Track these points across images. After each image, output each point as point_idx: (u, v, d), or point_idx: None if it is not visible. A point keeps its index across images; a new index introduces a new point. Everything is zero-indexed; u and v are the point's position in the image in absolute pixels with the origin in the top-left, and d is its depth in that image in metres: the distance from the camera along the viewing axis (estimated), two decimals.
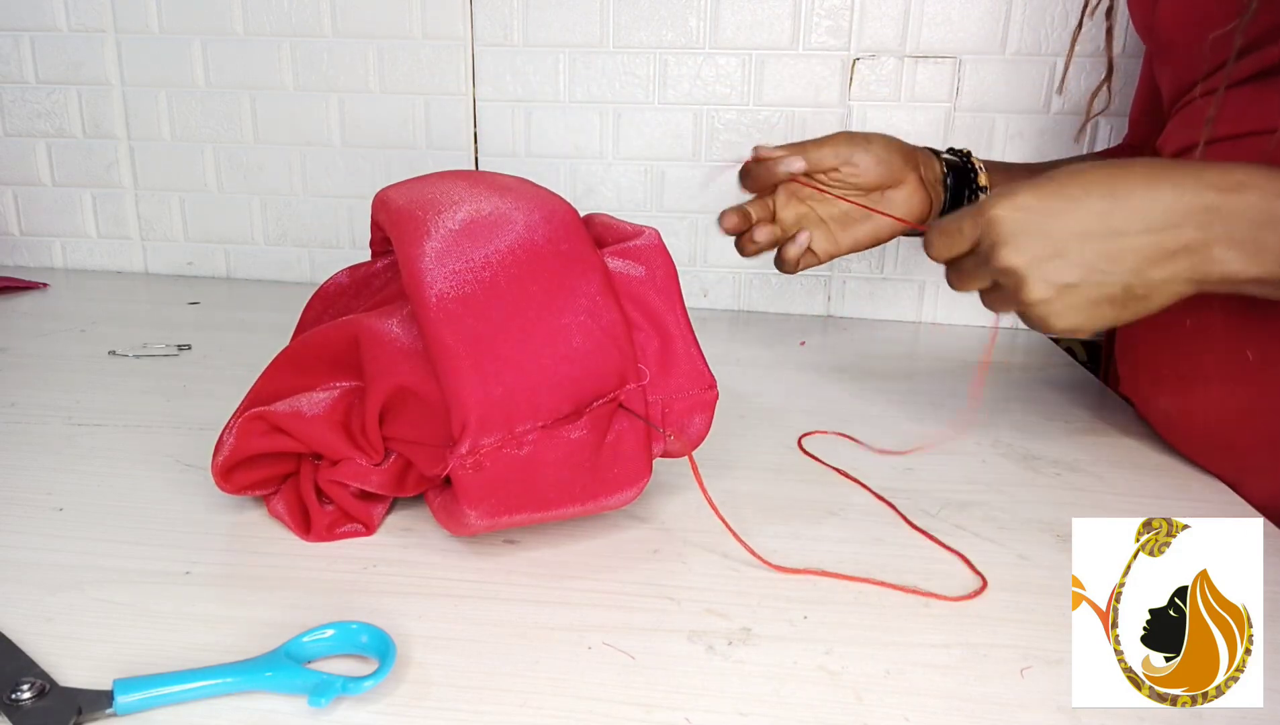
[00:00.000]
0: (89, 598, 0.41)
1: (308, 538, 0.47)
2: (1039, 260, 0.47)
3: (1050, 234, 0.47)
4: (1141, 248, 0.46)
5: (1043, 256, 0.47)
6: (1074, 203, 0.46)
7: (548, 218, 0.45)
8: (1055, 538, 0.50)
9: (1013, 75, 0.90)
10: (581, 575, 0.44)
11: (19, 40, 1.00)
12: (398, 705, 0.35)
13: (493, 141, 0.98)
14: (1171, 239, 0.46)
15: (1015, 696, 0.37)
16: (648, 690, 0.36)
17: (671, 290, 0.47)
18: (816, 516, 0.51)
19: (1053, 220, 0.47)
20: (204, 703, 0.34)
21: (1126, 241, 0.46)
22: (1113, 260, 0.47)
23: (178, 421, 0.62)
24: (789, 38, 0.91)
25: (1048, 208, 0.47)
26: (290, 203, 1.03)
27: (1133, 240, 0.46)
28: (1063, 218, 0.46)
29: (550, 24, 0.93)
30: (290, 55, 0.98)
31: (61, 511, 0.49)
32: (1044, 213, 0.47)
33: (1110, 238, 0.46)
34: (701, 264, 0.99)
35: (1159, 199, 0.46)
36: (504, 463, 0.41)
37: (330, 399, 0.48)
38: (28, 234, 1.07)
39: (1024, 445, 0.63)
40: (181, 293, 0.99)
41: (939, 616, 0.42)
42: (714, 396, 0.48)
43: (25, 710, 0.33)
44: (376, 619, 0.39)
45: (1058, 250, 0.47)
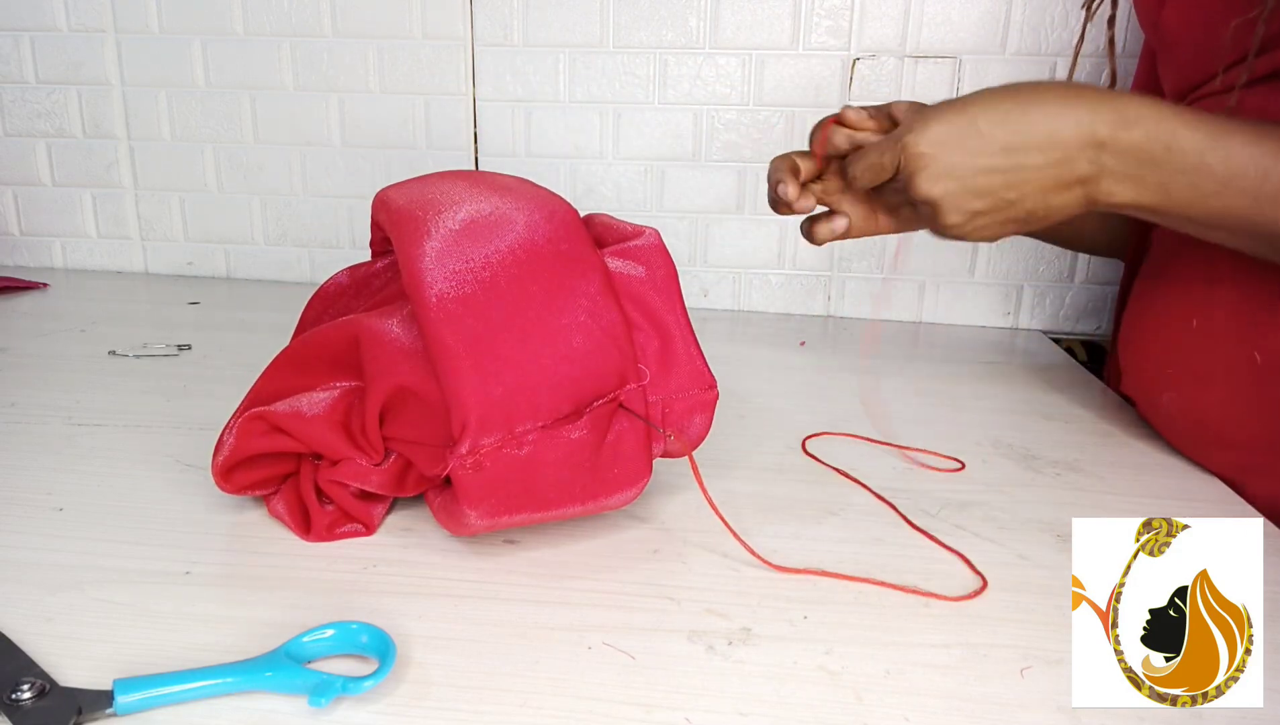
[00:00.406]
0: (89, 598, 0.41)
1: (308, 538, 0.47)
2: (951, 193, 0.51)
3: (959, 168, 0.50)
4: (1040, 179, 0.50)
5: (954, 190, 0.51)
6: (981, 137, 0.50)
7: (548, 218, 0.45)
8: (1055, 538, 0.50)
9: (1013, 75, 0.90)
10: (581, 575, 0.44)
11: (19, 40, 1.00)
12: (398, 705, 0.35)
13: (493, 141, 0.98)
14: (1067, 171, 0.50)
15: (1015, 696, 0.37)
16: (648, 690, 0.36)
17: (671, 290, 0.47)
18: (816, 516, 0.51)
19: (962, 155, 0.50)
20: (204, 703, 0.34)
21: (1027, 173, 0.50)
22: (1016, 190, 0.51)
23: (178, 421, 0.62)
24: (789, 38, 0.91)
25: (958, 142, 0.50)
26: (290, 203, 1.03)
27: (1033, 173, 0.50)
28: (971, 152, 0.50)
29: (550, 24, 0.93)
30: (290, 55, 0.98)
31: (61, 511, 0.49)
32: (954, 147, 0.50)
33: (1013, 171, 0.50)
34: (701, 264, 0.99)
35: (1058, 132, 0.49)
36: (504, 463, 0.41)
37: (330, 399, 0.48)
38: (28, 234, 1.07)
39: (1024, 445, 0.63)
40: (181, 293, 0.99)
41: (939, 616, 0.42)
42: (714, 396, 0.48)
43: (25, 710, 0.33)
44: (376, 619, 0.39)
45: (966, 184, 0.51)
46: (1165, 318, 0.60)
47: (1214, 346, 0.56)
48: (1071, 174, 0.50)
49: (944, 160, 0.50)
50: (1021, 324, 0.98)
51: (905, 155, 0.51)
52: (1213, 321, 0.56)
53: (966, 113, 0.50)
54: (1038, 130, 0.49)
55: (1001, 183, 0.50)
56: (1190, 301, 0.58)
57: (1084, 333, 0.97)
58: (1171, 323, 0.59)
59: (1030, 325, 0.97)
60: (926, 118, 0.51)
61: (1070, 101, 0.49)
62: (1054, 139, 0.49)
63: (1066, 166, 0.50)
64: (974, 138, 0.50)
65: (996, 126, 0.50)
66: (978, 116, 0.50)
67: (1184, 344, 0.59)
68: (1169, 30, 0.60)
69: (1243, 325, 0.55)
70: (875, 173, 0.53)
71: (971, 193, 0.51)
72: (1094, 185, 0.50)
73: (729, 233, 0.98)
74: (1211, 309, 0.56)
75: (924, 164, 0.51)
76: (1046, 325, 0.97)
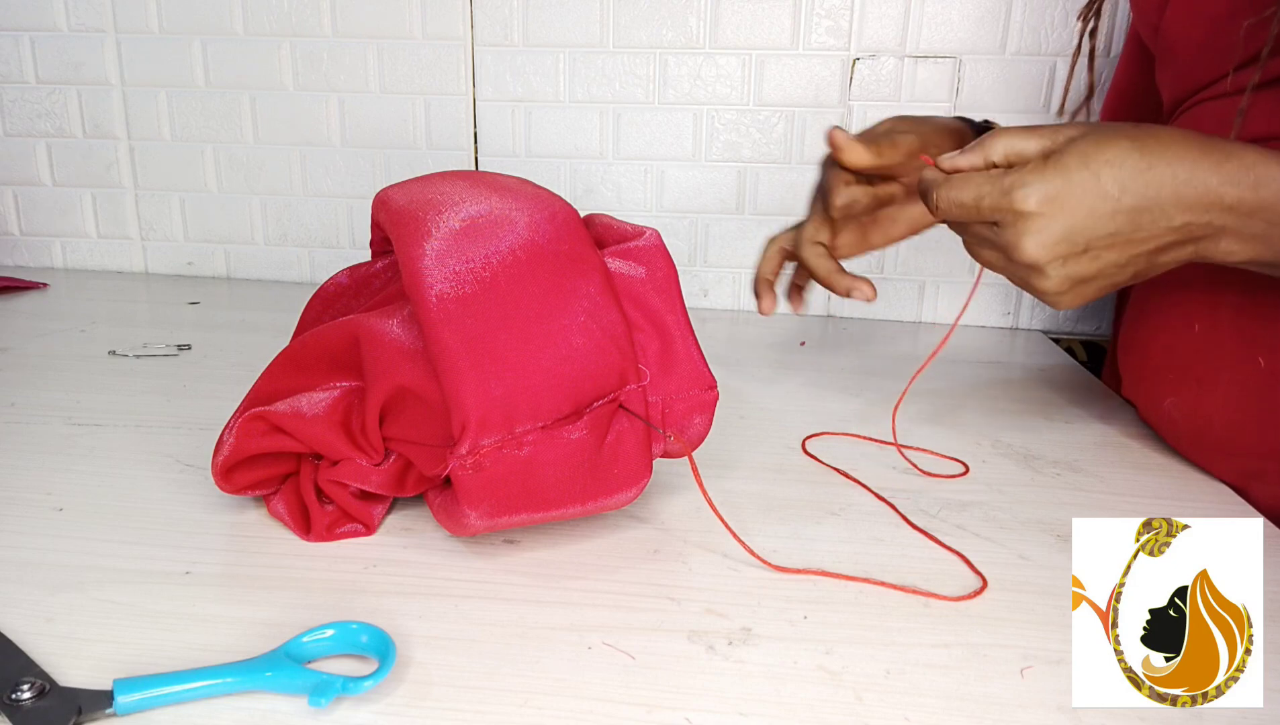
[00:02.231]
0: (89, 598, 0.41)
1: (308, 538, 0.47)
2: (1062, 258, 0.46)
3: (1076, 234, 0.45)
4: (1158, 242, 0.46)
5: (1066, 255, 0.45)
6: (1105, 199, 0.44)
7: (548, 218, 0.45)
8: (1055, 538, 0.50)
9: (1012, 75, 0.90)
10: (581, 575, 0.44)
11: (19, 40, 1.00)
12: (398, 705, 0.35)
13: (493, 141, 0.98)
14: (1185, 234, 0.46)
15: (1015, 696, 0.37)
16: (648, 690, 0.36)
17: (672, 291, 0.47)
18: (816, 516, 0.51)
19: (1081, 217, 0.45)
20: (204, 703, 0.34)
21: (1144, 236, 0.45)
22: (1130, 254, 0.46)
23: (178, 421, 0.62)
24: (789, 38, 0.91)
25: (1079, 202, 0.44)
26: (290, 203, 1.03)
27: (1151, 237, 0.45)
28: (1092, 215, 0.44)
29: (550, 24, 0.93)
30: (290, 55, 0.98)
31: (61, 511, 0.49)
32: (1073, 208, 0.44)
33: (1133, 234, 0.45)
34: (701, 264, 0.99)
35: (1184, 195, 0.44)
36: (504, 463, 0.41)
37: (330, 399, 0.48)
38: (28, 234, 1.07)
39: (1024, 445, 0.63)
40: (181, 293, 0.99)
41: (939, 616, 0.42)
42: (714, 397, 0.48)
43: (25, 710, 0.33)
44: (376, 619, 0.39)
45: (1079, 250, 0.45)
46: (1167, 322, 0.60)
47: (1217, 351, 0.56)
48: (1188, 233, 0.45)
49: (1060, 222, 0.44)
50: (1021, 324, 0.98)
51: (1013, 210, 0.45)
52: (1217, 325, 0.56)
53: (1090, 166, 0.44)
54: (1165, 192, 0.44)
55: (1119, 251, 0.45)
56: (1193, 305, 0.58)
57: (1084, 333, 0.97)
58: (1173, 327, 0.59)
59: (1030, 325, 0.97)
60: (1043, 169, 0.45)
61: (1195, 158, 0.44)
62: (1180, 201, 0.44)
63: (1186, 230, 0.45)
64: (1097, 198, 0.44)
65: (1123, 186, 0.44)
66: (1101, 171, 0.44)
67: (1186, 348, 0.58)
68: (1170, 34, 0.59)
69: (1247, 329, 0.54)
70: (964, 213, 0.47)
71: (1083, 260, 0.46)
72: (1211, 244, 0.46)
73: (729, 233, 0.98)
74: (1216, 313, 0.56)
75: (1036, 227, 0.45)
76: (1046, 325, 0.97)
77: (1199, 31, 0.57)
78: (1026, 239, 0.45)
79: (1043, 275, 0.46)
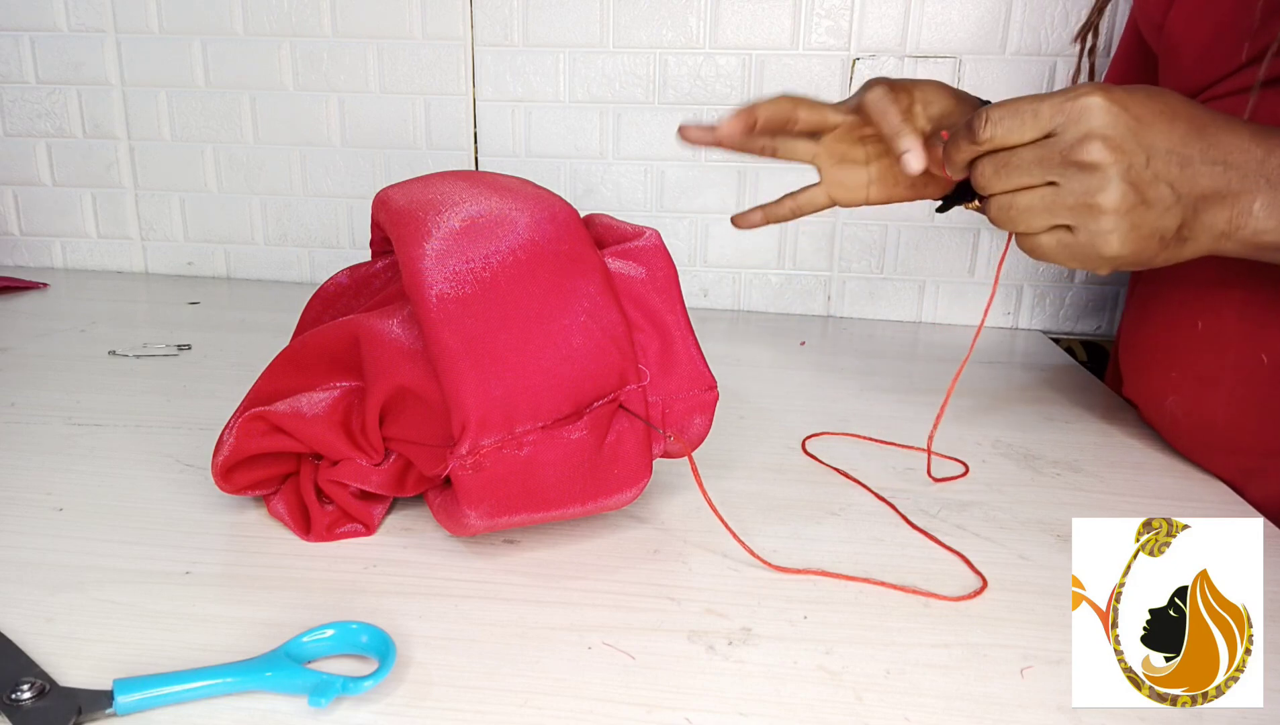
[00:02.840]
0: (89, 598, 0.41)
1: (308, 538, 0.47)
2: (1130, 165, 0.44)
3: (1143, 138, 0.44)
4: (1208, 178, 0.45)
5: (1135, 162, 0.44)
6: (1168, 117, 0.44)
7: (548, 218, 0.45)
8: (1055, 538, 0.50)
9: (1013, 75, 0.90)
10: (581, 575, 0.44)
11: (19, 40, 1.00)
12: (398, 705, 0.35)
13: (493, 141, 0.98)
14: (1226, 180, 0.45)
15: (1015, 696, 0.37)
16: (648, 690, 0.36)
17: (672, 291, 0.47)
18: (816, 516, 0.51)
19: (1147, 126, 0.44)
20: (204, 703, 0.34)
21: (1198, 164, 0.45)
22: (1182, 191, 0.45)
23: (178, 421, 0.62)
24: (789, 38, 0.91)
25: (1145, 111, 0.44)
26: (290, 203, 1.03)
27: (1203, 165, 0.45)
28: (1157, 126, 0.44)
29: (550, 24, 0.93)
30: (290, 55, 0.98)
31: (61, 511, 0.49)
32: (1140, 117, 0.44)
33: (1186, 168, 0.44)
34: (701, 264, 0.99)
35: (1225, 139, 0.45)
36: (504, 463, 0.41)
37: (330, 399, 0.48)
38: (28, 234, 1.07)
39: (1024, 445, 0.63)
40: (181, 293, 0.99)
41: (939, 616, 0.42)
42: (714, 397, 0.48)
43: (25, 710, 0.33)
44: (376, 619, 0.39)
45: (1149, 156, 0.44)
46: (1169, 320, 0.60)
47: (1221, 349, 0.56)
48: (1228, 184, 0.45)
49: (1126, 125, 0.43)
50: (1021, 324, 0.98)
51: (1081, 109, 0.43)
52: (1220, 323, 0.56)
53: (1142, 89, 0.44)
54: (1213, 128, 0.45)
55: (1176, 173, 0.44)
56: (1196, 303, 0.58)
57: (1084, 333, 0.97)
58: (1176, 325, 0.59)
59: (1030, 325, 0.97)
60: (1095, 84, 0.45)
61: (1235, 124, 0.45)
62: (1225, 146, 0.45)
63: (1229, 174, 0.45)
64: (1158, 111, 0.44)
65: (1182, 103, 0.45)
66: (1158, 95, 0.44)
67: (1189, 347, 0.58)
68: (1175, 33, 0.59)
69: (1251, 327, 0.54)
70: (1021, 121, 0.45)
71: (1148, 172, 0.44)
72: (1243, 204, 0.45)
73: (729, 233, 0.98)
74: (1219, 311, 0.56)
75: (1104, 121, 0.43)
76: (1046, 325, 0.97)
77: (1204, 30, 0.57)
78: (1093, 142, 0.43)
79: (1108, 185, 0.44)
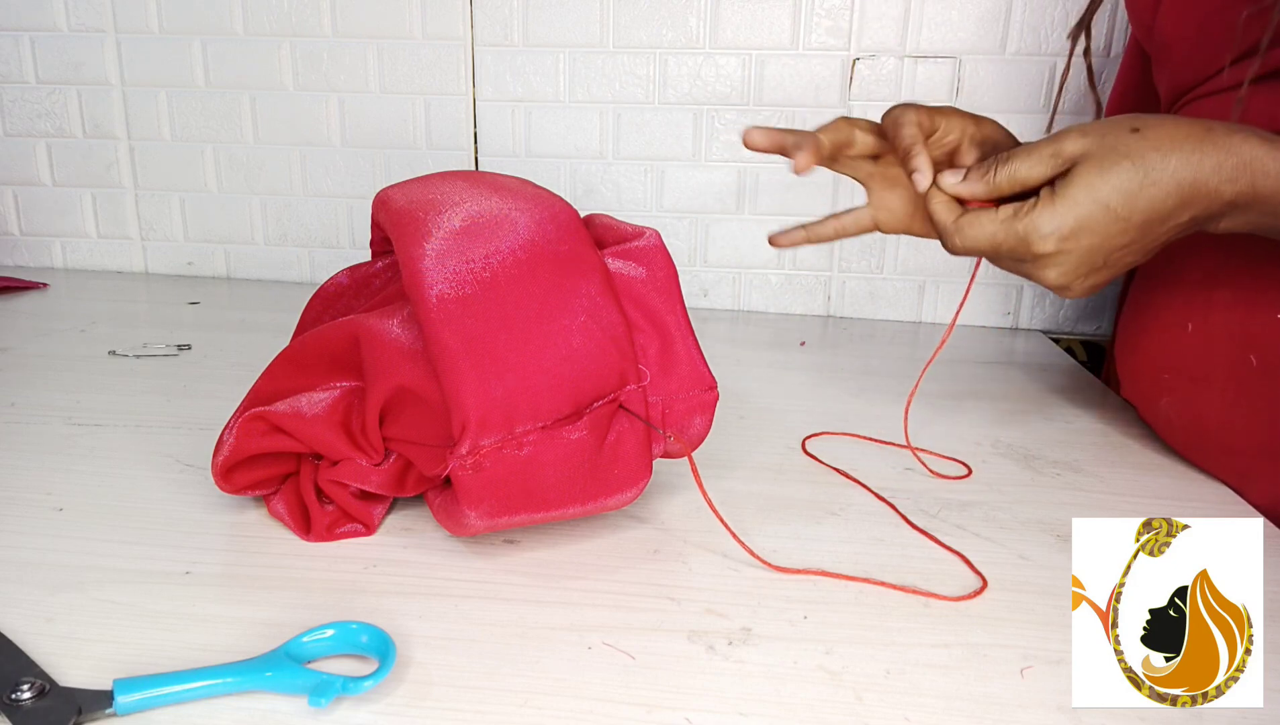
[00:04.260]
0: (89, 598, 0.41)
1: (308, 538, 0.47)
2: (1084, 276, 0.49)
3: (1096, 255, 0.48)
4: (1168, 234, 0.48)
5: (1087, 272, 0.49)
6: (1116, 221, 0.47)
7: (548, 218, 0.45)
8: (1055, 538, 0.50)
9: (1012, 75, 0.90)
10: (581, 575, 0.44)
11: (19, 40, 1.00)
12: (398, 705, 0.35)
13: (493, 141, 0.98)
14: (1191, 225, 0.48)
15: (1015, 696, 0.37)
16: (648, 690, 0.36)
17: (672, 291, 0.47)
18: (816, 516, 0.51)
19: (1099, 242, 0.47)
20: (204, 703, 0.34)
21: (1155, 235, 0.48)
22: (1143, 250, 0.49)
23: (178, 421, 0.62)
24: (789, 38, 0.91)
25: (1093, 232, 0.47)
26: (290, 203, 1.03)
27: (1161, 233, 0.48)
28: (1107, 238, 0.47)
29: (550, 24, 0.93)
30: (290, 55, 0.98)
31: (61, 511, 0.49)
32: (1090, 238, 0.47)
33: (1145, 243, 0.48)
34: (701, 264, 0.99)
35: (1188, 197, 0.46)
36: (504, 463, 0.41)
37: (330, 399, 0.48)
38: (28, 234, 1.07)
39: (1024, 445, 0.63)
40: (181, 293, 0.99)
41: (939, 616, 0.42)
42: (714, 397, 0.48)
43: (25, 710, 0.33)
44: (376, 619, 0.39)
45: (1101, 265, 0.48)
46: (1162, 322, 0.60)
47: (1211, 350, 0.56)
48: (1194, 224, 0.48)
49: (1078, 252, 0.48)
50: (1021, 324, 0.98)
51: (1032, 253, 0.48)
52: (1210, 325, 0.56)
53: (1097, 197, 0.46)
54: (1170, 202, 0.46)
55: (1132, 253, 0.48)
56: (1187, 305, 0.58)
57: (1084, 333, 0.97)
58: (1168, 327, 0.59)
59: (1030, 325, 0.97)
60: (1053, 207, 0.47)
61: (1196, 162, 0.46)
62: (1186, 204, 0.46)
63: (1192, 222, 0.48)
64: (1109, 222, 0.47)
65: (1131, 207, 0.46)
66: (1110, 199, 0.46)
67: (1180, 348, 0.58)
68: (1164, 32, 0.60)
69: (1239, 328, 0.55)
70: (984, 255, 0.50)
71: (1102, 271, 0.49)
72: (1213, 224, 0.48)
73: (729, 233, 0.98)
74: (1208, 312, 0.56)
75: (1056, 262, 0.48)
76: (1046, 325, 0.97)
77: (1191, 28, 0.57)
78: (1049, 272, 0.49)
79: (1066, 290, 0.50)
